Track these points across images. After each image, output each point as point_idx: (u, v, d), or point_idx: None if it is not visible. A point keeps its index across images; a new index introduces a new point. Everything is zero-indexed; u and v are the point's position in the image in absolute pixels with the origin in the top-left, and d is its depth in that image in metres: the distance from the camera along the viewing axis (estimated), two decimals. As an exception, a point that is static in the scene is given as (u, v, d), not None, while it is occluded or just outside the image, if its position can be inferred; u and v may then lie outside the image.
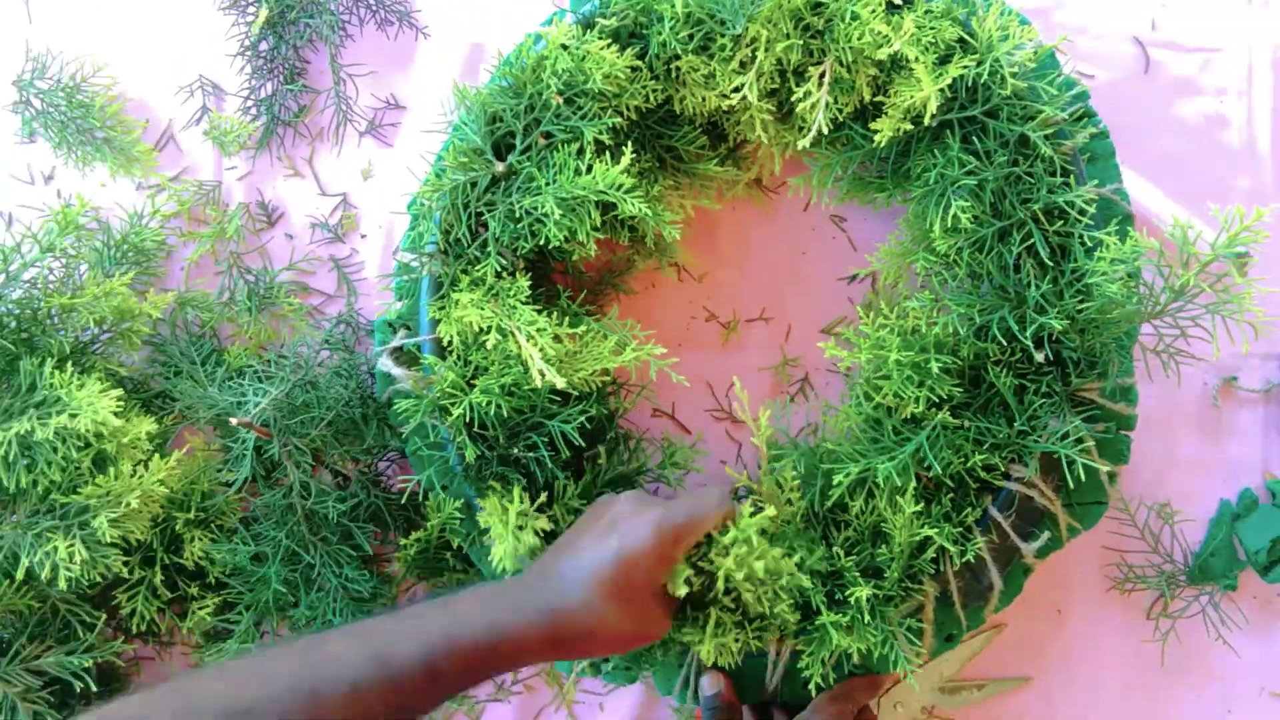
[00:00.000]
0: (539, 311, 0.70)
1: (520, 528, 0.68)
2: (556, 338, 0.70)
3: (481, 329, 0.70)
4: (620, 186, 0.68)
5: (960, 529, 0.73)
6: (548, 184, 0.70)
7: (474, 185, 0.72)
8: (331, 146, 0.91)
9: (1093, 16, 0.89)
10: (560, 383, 0.67)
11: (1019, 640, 0.85)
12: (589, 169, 0.69)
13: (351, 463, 0.82)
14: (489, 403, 0.69)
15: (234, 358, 0.83)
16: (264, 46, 0.91)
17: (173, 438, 0.82)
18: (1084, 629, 0.85)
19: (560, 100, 0.71)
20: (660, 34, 0.71)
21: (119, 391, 0.69)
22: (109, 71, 0.89)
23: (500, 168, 0.72)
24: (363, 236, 0.91)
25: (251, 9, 0.90)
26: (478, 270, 0.72)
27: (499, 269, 0.72)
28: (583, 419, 0.71)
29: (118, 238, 0.86)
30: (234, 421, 0.72)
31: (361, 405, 0.79)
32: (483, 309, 0.70)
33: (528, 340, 0.68)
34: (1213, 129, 0.88)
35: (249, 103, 0.91)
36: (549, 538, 0.71)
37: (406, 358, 0.77)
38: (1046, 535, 0.73)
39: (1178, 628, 0.84)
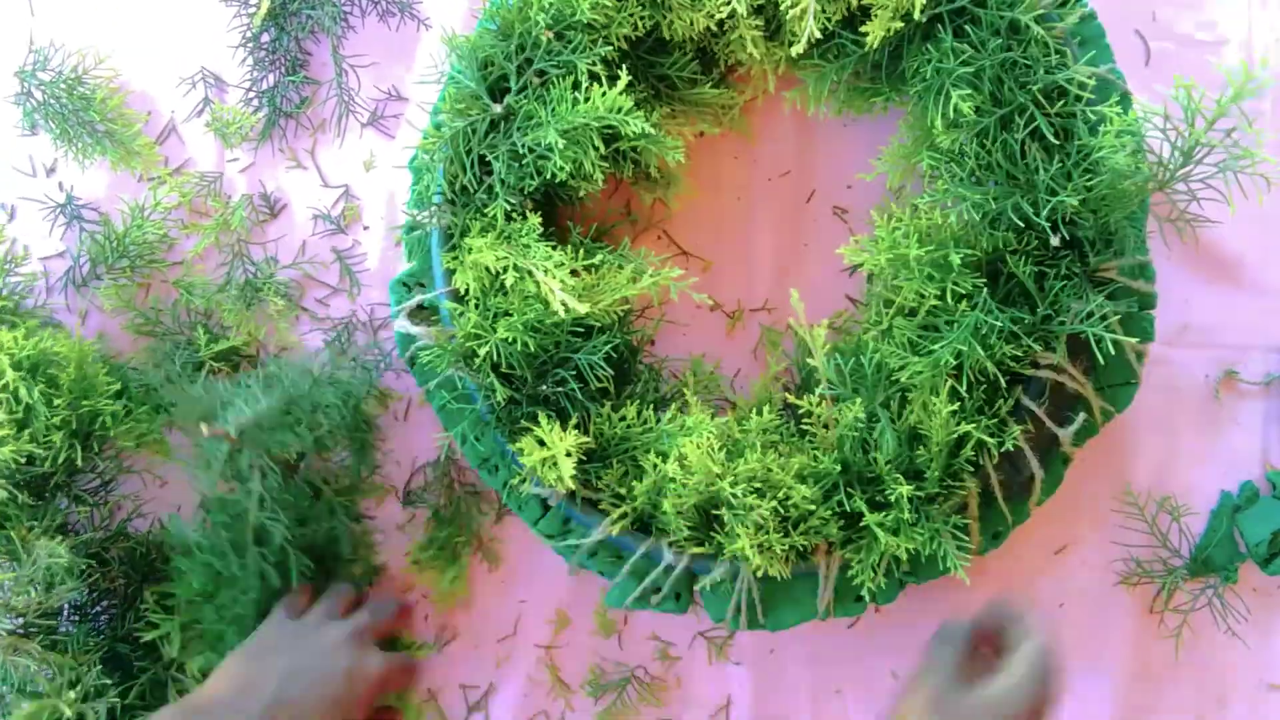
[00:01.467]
0: (553, 248, 0.70)
1: (568, 454, 0.68)
2: (573, 272, 0.70)
3: (498, 272, 0.70)
4: (621, 109, 0.68)
5: (995, 422, 0.73)
6: (548, 118, 0.69)
7: (474, 131, 0.72)
8: (333, 138, 0.91)
9: (1094, 6, 0.88)
10: (583, 309, 0.67)
11: None
12: (587, 97, 0.69)
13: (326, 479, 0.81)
14: (514, 340, 0.69)
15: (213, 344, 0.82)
16: (265, 38, 0.90)
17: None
18: (1085, 623, 0.85)
19: (550, 36, 0.71)
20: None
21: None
22: (111, 64, 0.89)
23: (498, 109, 0.71)
24: (365, 228, 0.90)
25: (253, 1, 0.90)
26: (488, 214, 0.72)
27: (508, 211, 0.72)
28: (608, 348, 0.71)
29: (119, 231, 0.85)
30: (206, 431, 0.71)
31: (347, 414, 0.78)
32: (497, 251, 0.70)
33: (545, 275, 0.68)
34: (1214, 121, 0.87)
35: (251, 94, 0.91)
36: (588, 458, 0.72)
37: (424, 316, 0.77)
38: (1082, 418, 0.73)
39: (1178, 622, 0.84)
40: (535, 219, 0.71)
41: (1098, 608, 0.85)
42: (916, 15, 0.70)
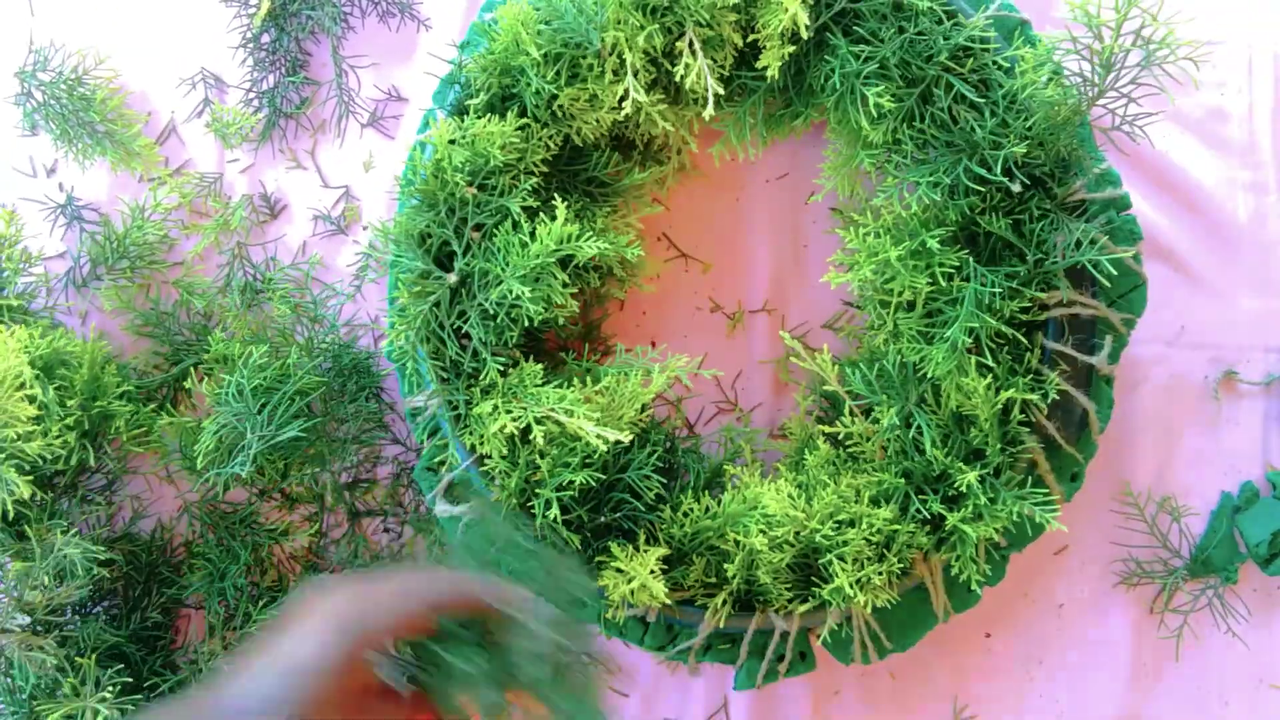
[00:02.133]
0: (558, 386, 0.70)
1: (652, 572, 0.68)
2: (587, 399, 0.70)
3: (518, 431, 0.70)
4: (570, 237, 0.68)
5: (1030, 377, 0.73)
6: (504, 269, 0.69)
7: (438, 306, 0.72)
8: (333, 139, 0.91)
9: (1090, 7, 0.88)
10: (625, 437, 0.67)
11: (1020, 635, 0.86)
12: (533, 235, 0.69)
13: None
14: (566, 484, 0.69)
15: (216, 343, 0.82)
16: (266, 39, 0.90)
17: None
18: (1084, 623, 0.86)
19: (473, 191, 0.71)
20: (530, 85, 0.71)
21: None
22: (111, 64, 0.88)
23: (453, 278, 0.71)
24: (364, 228, 0.90)
25: (253, 1, 0.90)
26: (483, 380, 0.71)
27: (501, 368, 0.71)
28: (654, 460, 0.71)
29: (120, 232, 0.85)
30: None
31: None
32: (510, 411, 0.69)
33: (571, 418, 0.68)
34: (1213, 122, 0.88)
35: (251, 95, 0.91)
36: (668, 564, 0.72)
37: (457, 494, 0.77)
38: (1109, 339, 0.74)
39: (1175, 621, 0.85)
40: (532, 367, 0.71)
41: (1098, 608, 0.85)
42: (804, 34, 0.70)
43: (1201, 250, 0.87)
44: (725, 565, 0.72)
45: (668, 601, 0.71)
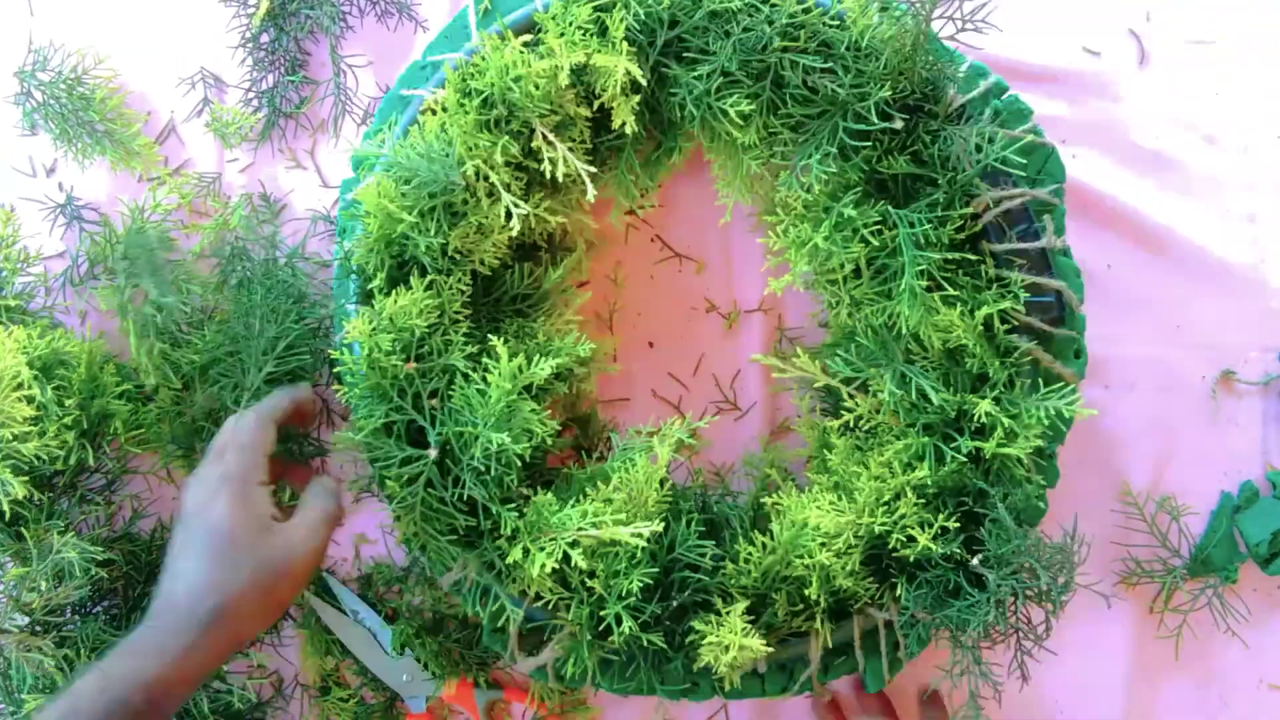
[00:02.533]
0: (574, 504, 0.70)
1: (744, 630, 0.68)
2: (607, 502, 0.70)
3: (561, 568, 0.70)
4: (520, 369, 0.68)
5: (993, 286, 0.73)
6: (476, 426, 0.69)
7: (431, 487, 0.72)
8: (331, 138, 0.91)
9: (1088, 7, 0.89)
10: (657, 526, 0.67)
11: None
12: (485, 384, 0.69)
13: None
14: (629, 593, 0.69)
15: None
16: (265, 38, 0.90)
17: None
18: (1083, 622, 0.85)
19: (413, 366, 0.71)
20: (418, 245, 0.71)
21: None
22: (110, 64, 0.88)
23: (433, 453, 0.71)
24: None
25: (252, 1, 0.89)
26: (505, 530, 0.71)
27: (517, 513, 0.71)
28: (695, 526, 0.71)
29: (120, 233, 0.85)
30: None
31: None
32: (544, 548, 0.69)
33: (599, 529, 0.68)
34: (1207, 122, 0.88)
35: (250, 95, 0.90)
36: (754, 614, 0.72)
37: (528, 641, 0.77)
38: (1046, 217, 0.74)
39: (1178, 622, 0.85)
40: (544, 497, 0.71)
41: (1097, 607, 0.84)
42: (641, 79, 0.71)
43: (1197, 250, 0.87)
44: (805, 590, 0.72)
45: (768, 650, 0.71)
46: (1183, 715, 0.86)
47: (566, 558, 0.69)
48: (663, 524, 0.71)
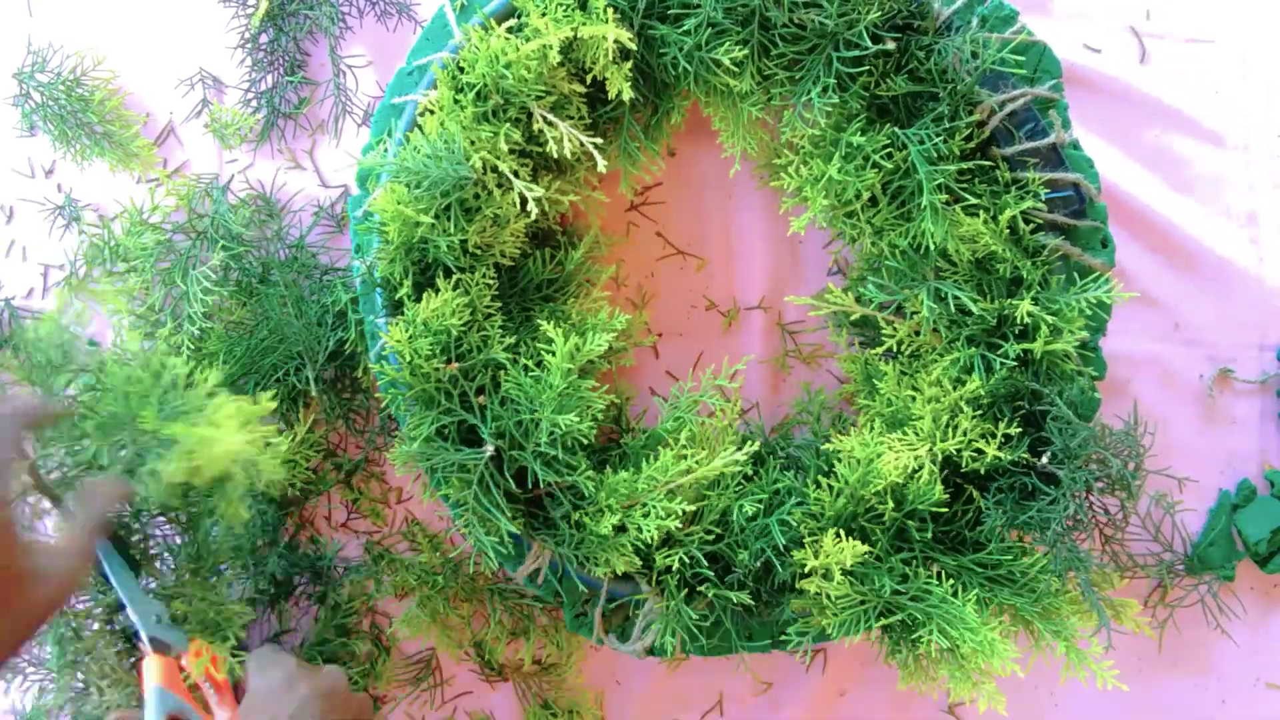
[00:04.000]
0: (661, 468, 0.70)
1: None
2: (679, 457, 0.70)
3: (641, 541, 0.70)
4: (576, 348, 0.68)
5: (1011, 188, 0.73)
6: (533, 412, 0.69)
7: (491, 485, 0.72)
8: (330, 138, 0.90)
9: (1090, 5, 0.89)
10: (753, 445, 0.67)
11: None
12: (529, 369, 0.69)
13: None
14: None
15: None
16: (264, 39, 0.90)
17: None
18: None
19: (455, 367, 0.71)
20: (439, 245, 0.71)
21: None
22: (109, 65, 0.88)
23: (490, 449, 0.71)
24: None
25: (251, 1, 0.89)
26: (591, 509, 0.71)
27: (591, 487, 0.71)
28: (776, 470, 0.71)
29: (120, 238, 0.85)
30: None
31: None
32: (631, 519, 0.69)
33: (654, 516, 0.68)
34: (1207, 120, 0.88)
35: (249, 95, 0.90)
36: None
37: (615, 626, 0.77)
38: (1051, 112, 0.74)
39: (1175, 619, 0.85)
40: (615, 476, 0.71)
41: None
42: (630, 44, 0.70)
43: (1196, 248, 0.87)
44: (886, 518, 0.72)
45: (869, 550, 0.70)
46: (1179, 713, 0.86)
47: (643, 532, 0.69)
48: (754, 449, 0.71)
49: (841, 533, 0.70)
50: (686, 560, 0.71)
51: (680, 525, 0.69)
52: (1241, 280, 0.88)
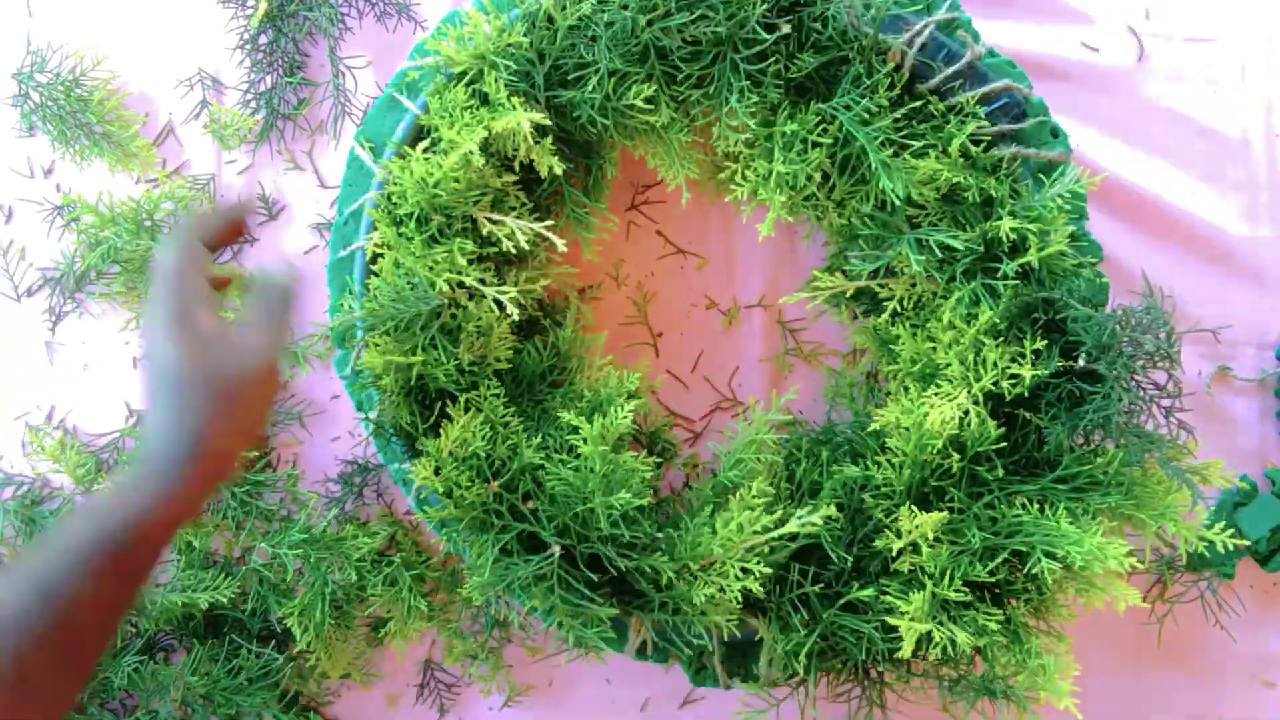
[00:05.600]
0: (741, 520, 0.70)
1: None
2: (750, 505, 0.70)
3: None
4: (611, 426, 0.68)
5: (942, 118, 0.73)
6: (587, 494, 0.69)
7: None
8: (330, 139, 0.90)
9: (1088, 4, 0.89)
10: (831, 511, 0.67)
11: None
12: (578, 471, 0.69)
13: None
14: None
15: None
16: (263, 40, 0.89)
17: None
18: (1078, 614, 0.84)
19: (495, 485, 0.71)
20: (436, 382, 0.71)
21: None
22: (108, 65, 0.88)
23: (557, 552, 0.71)
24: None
25: (250, 2, 0.89)
26: (695, 592, 0.71)
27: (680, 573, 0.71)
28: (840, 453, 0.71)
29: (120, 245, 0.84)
30: None
31: None
32: (729, 568, 0.69)
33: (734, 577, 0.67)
34: (1205, 119, 0.88)
35: (248, 96, 0.90)
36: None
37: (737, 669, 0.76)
38: (959, 32, 0.75)
39: (1175, 614, 0.85)
40: (693, 528, 0.71)
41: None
42: (544, 120, 0.71)
43: (1192, 246, 0.88)
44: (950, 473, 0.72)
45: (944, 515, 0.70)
46: (1177, 709, 0.86)
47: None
48: (832, 505, 0.71)
49: (914, 507, 0.69)
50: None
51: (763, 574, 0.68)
52: (1239, 279, 0.87)
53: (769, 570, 0.67)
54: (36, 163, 0.92)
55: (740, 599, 0.69)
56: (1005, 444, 0.72)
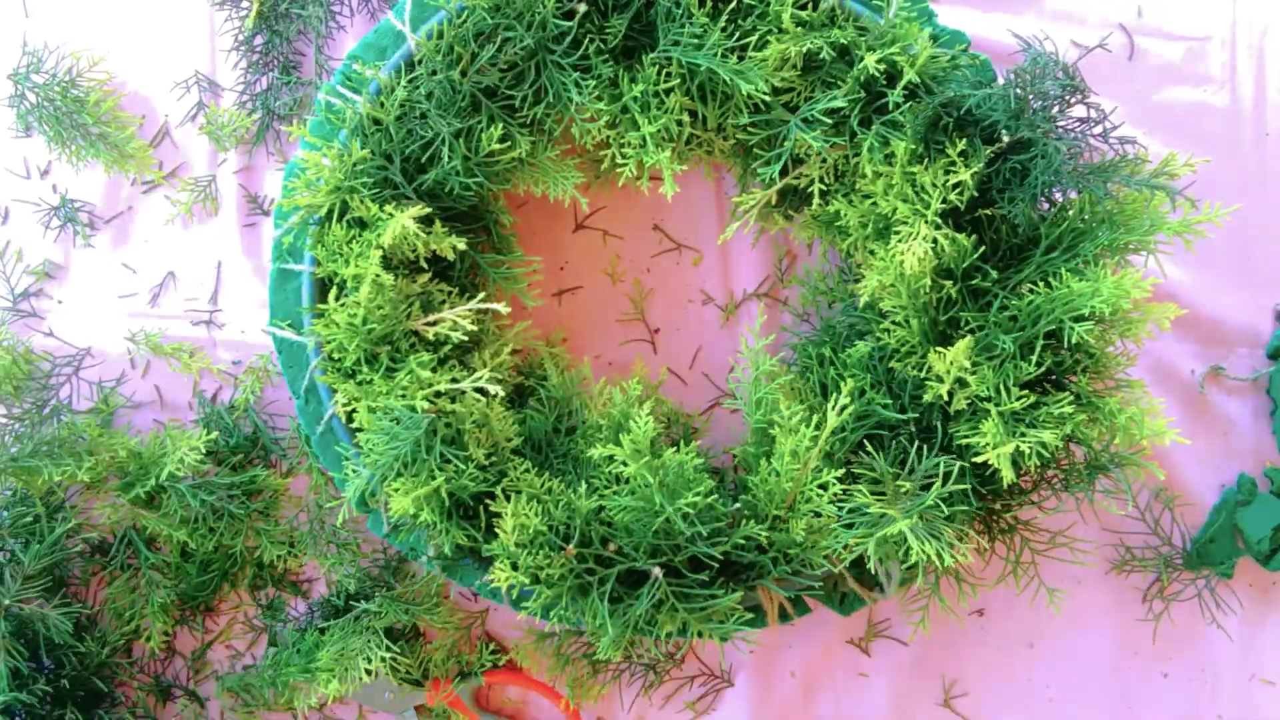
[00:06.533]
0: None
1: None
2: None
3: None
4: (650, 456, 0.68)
5: (806, 10, 0.73)
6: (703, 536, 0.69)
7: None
8: None
9: (1080, 2, 0.88)
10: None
11: (1012, 617, 0.87)
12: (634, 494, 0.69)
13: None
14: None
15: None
16: (258, 40, 0.89)
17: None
18: (1075, 609, 0.86)
19: (572, 551, 0.71)
20: (466, 491, 0.71)
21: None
22: (105, 67, 0.87)
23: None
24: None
25: (244, 4, 0.88)
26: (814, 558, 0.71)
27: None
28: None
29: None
30: None
31: None
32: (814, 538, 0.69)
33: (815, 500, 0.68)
34: (1196, 117, 0.88)
35: (244, 97, 0.90)
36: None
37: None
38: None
39: (1172, 613, 0.86)
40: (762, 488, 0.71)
41: (1089, 594, 0.85)
42: (422, 211, 0.71)
43: (1184, 247, 0.87)
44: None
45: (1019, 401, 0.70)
46: (1174, 707, 0.87)
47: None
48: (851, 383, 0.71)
49: (939, 349, 0.70)
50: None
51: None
52: (1233, 279, 0.88)
53: (839, 472, 0.67)
54: (33, 163, 0.92)
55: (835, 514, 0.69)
56: (984, 248, 0.72)
